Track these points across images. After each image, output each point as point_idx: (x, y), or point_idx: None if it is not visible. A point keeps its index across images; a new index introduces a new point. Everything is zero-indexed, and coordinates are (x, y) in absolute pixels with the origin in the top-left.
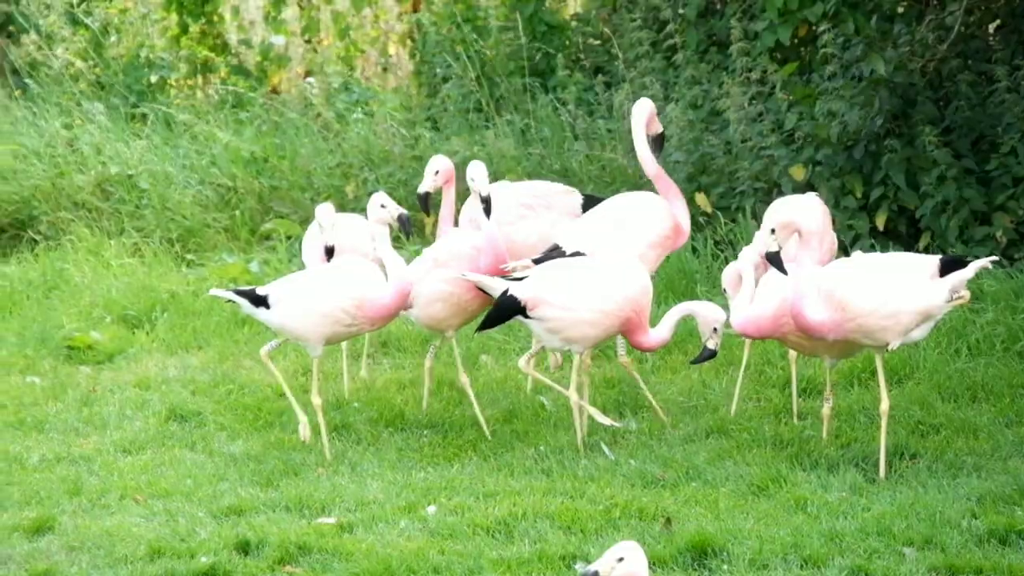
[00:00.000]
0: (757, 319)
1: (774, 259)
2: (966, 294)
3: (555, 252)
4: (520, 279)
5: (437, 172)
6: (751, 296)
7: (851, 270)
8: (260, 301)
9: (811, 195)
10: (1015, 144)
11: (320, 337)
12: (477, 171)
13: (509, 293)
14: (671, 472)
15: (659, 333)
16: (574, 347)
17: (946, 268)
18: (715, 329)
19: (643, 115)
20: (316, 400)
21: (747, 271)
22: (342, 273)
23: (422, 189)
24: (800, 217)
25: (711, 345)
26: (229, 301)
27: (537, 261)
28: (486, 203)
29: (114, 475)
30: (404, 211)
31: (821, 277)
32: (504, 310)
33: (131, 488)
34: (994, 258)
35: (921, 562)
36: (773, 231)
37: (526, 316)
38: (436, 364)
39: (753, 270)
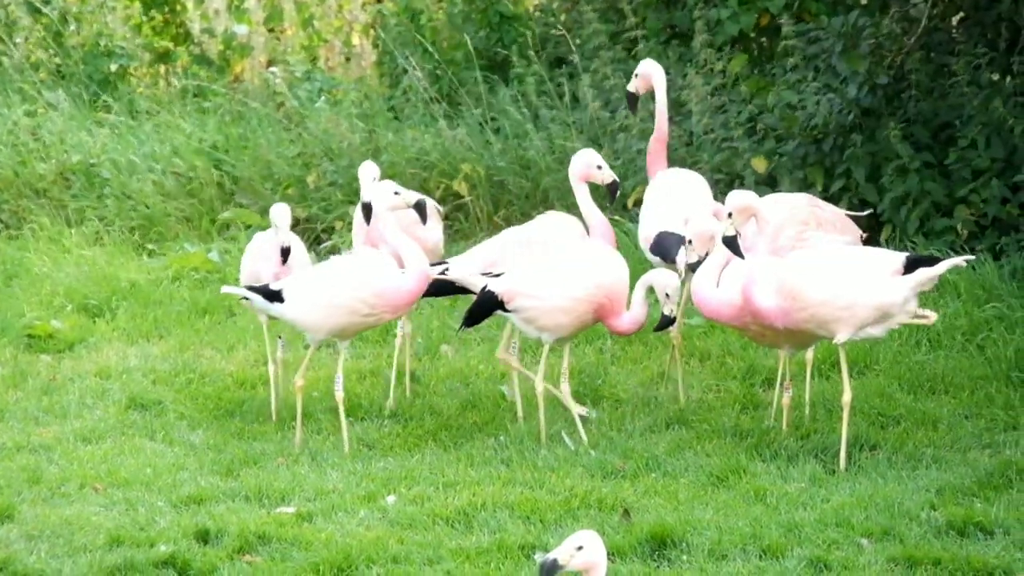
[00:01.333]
0: (723, 304)
1: (731, 243)
2: (931, 316)
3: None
4: (499, 275)
5: (375, 179)
6: (715, 276)
7: (808, 260)
8: (274, 296)
9: (801, 195)
10: (975, 137)
11: (334, 328)
12: (363, 172)
13: (487, 289)
14: (631, 463)
15: (632, 315)
16: (546, 336)
17: (912, 266)
18: (667, 295)
19: (578, 168)
20: (299, 382)
21: (719, 246)
22: (357, 264)
23: (367, 199)
24: (758, 203)
25: (667, 311)
26: (244, 299)
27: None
28: (365, 209)
29: (74, 464)
30: (422, 196)
31: (778, 265)
32: (484, 305)
33: (91, 477)
34: (970, 257)
35: (879, 553)
36: (730, 215)
37: (505, 310)
38: (400, 355)
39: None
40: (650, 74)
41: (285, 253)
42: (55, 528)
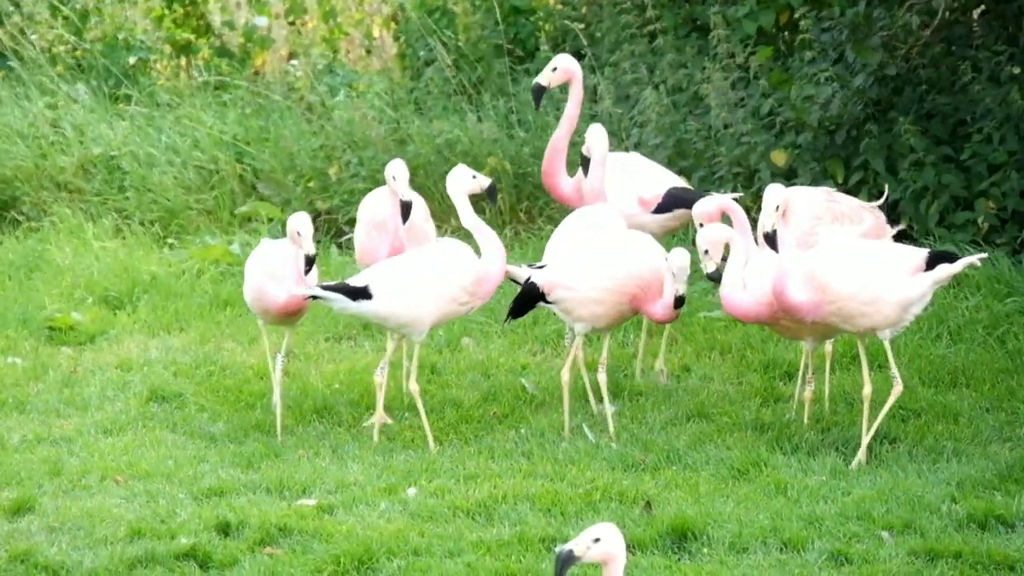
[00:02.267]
0: (757, 305)
1: (771, 238)
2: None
3: None
4: (542, 266)
5: (394, 178)
6: (739, 276)
7: (836, 254)
8: (360, 293)
9: (820, 189)
10: (990, 131)
11: (433, 320)
12: (399, 170)
13: (530, 280)
14: (652, 456)
15: (665, 300)
16: (580, 326)
17: (933, 261)
18: (673, 274)
19: (459, 185)
20: (414, 387)
21: (736, 243)
22: (447, 253)
23: (406, 197)
24: (792, 196)
25: (677, 292)
26: (315, 298)
27: None
28: (405, 208)
29: (95, 456)
30: (491, 180)
31: (806, 258)
32: (526, 297)
33: (111, 469)
34: (983, 255)
35: (900, 546)
36: (778, 207)
37: (547, 302)
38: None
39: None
40: (570, 70)
41: (310, 262)
42: (76, 520)
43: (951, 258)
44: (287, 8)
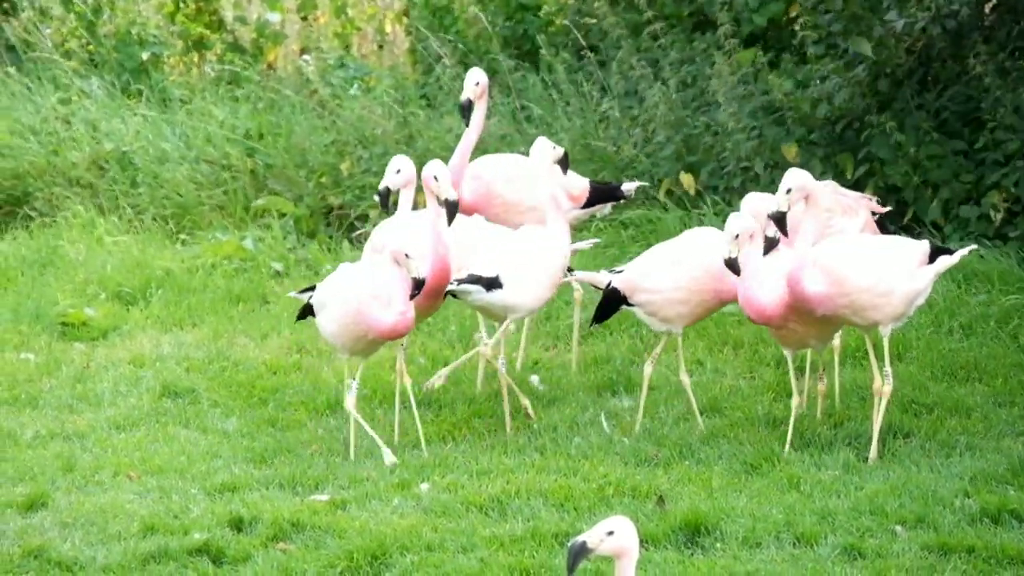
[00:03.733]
0: (774, 304)
1: (779, 220)
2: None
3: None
4: (621, 271)
5: (399, 171)
6: (760, 274)
7: (850, 247)
8: (493, 283)
9: (826, 183)
10: (1001, 123)
11: (543, 305)
12: (440, 170)
13: (611, 285)
14: (664, 450)
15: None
16: (674, 327)
17: (934, 254)
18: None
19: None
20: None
21: (757, 239)
22: (545, 237)
23: (382, 185)
24: (814, 185)
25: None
26: (454, 295)
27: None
28: (451, 208)
29: (108, 452)
30: (564, 150)
31: (820, 252)
32: (608, 301)
33: (124, 465)
34: (973, 247)
35: (913, 541)
36: (789, 191)
37: (629, 305)
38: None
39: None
40: (486, 84)
41: (420, 285)
42: (89, 516)
43: (948, 252)
44: (299, 3)
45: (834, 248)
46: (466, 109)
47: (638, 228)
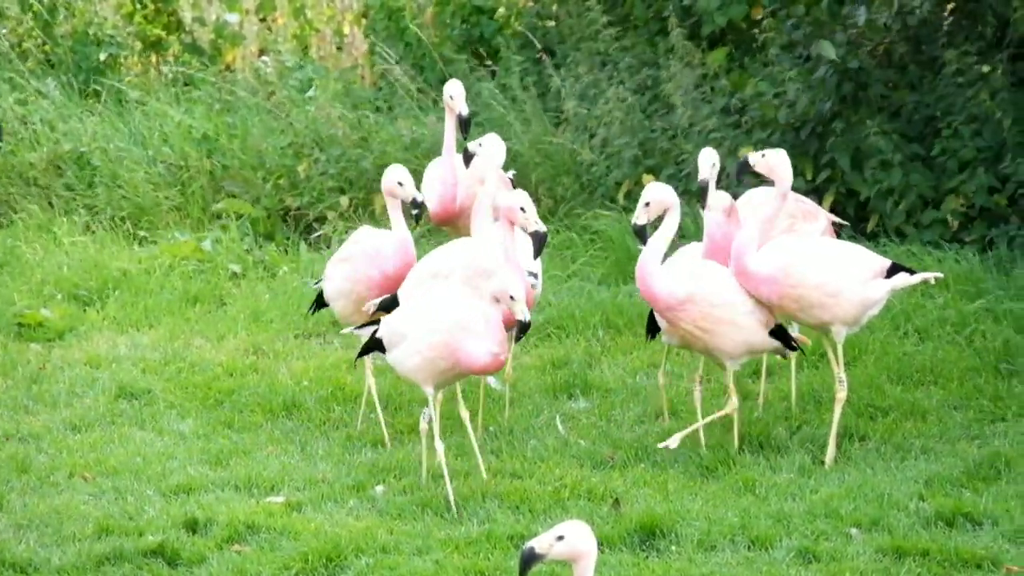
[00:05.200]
0: (666, 293)
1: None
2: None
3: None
4: None
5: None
6: (660, 257)
7: (806, 243)
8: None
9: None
10: (960, 127)
11: None
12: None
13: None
14: (620, 453)
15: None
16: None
17: (893, 271)
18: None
19: (501, 211)
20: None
21: (673, 216)
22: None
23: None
24: (786, 171)
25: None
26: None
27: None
28: (465, 124)
29: (63, 453)
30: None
31: (776, 242)
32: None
33: (80, 466)
34: (939, 275)
35: (868, 544)
36: (764, 155)
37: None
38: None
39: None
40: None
41: (525, 329)
42: (44, 517)
43: (909, 271)
44: (258, 5)
45: (792, 240)
46: (466, 124)
47: (595, 233)
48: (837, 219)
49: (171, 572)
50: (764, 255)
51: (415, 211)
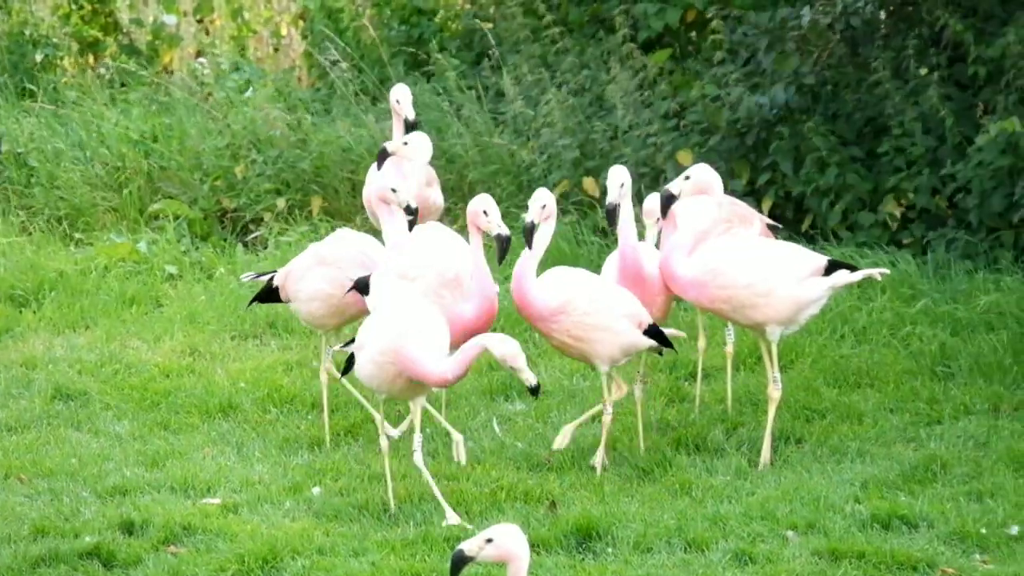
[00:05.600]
0: (529, 298)
1: (667, 200)
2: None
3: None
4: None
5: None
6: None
7: (737, 244)
8: None
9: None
10: (904, 128)
11: None
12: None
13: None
14: (556, 455)
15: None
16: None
17: (833, 268)
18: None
19: (468, 213)
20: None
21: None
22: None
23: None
24: (716, 183)
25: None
26: None
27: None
28: (410, 127)
29: None
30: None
31: (705, 245)
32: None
33: (15, 467)
34: (885, 271)
35: (804, 546)
36: (688, 177)
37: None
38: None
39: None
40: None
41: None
42: None
43: (851, 268)
44: (195, 6)
45: (720, 242)
46: (412, 128)
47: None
48: (771, 221)
49: (107, 573)
50: (692, 259)
51: (410, 218)
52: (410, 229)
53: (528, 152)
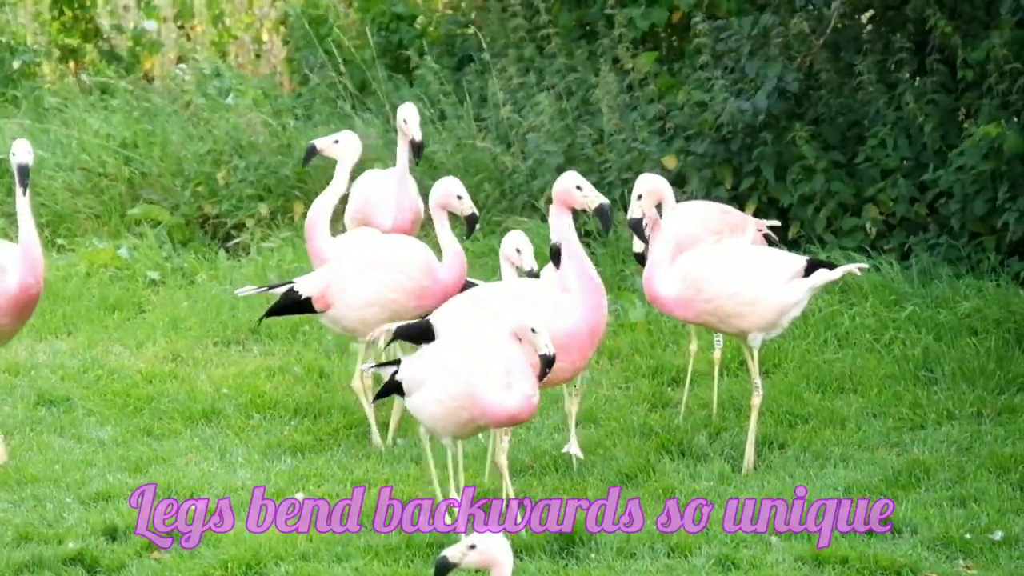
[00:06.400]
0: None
1: (636, 226)
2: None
3: None
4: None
5: (640, 196)
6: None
7: (716, 254)
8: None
9: (712, 204)
10: (883, 136)
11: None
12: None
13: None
14: (540, 461)
15: None
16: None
17: (812, 268)
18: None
19: (435, 197)
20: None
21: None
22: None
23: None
24: (666, 188)
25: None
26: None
27: None
28: (417, 149)
29: None
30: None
31: (685, 256)
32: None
33: None
34: (864, 265)
35: (787, 551)
36: (640, 197)
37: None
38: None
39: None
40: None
41: (550, 363)
42: None
43: (829, 266)
44: (176, 12)
45: (700, 253)
46: (418, 148)
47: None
48: (768, 225)
49: None
50: (673, 275)
51: (475, 225)
52: (469, 236)
53: (511, 158)
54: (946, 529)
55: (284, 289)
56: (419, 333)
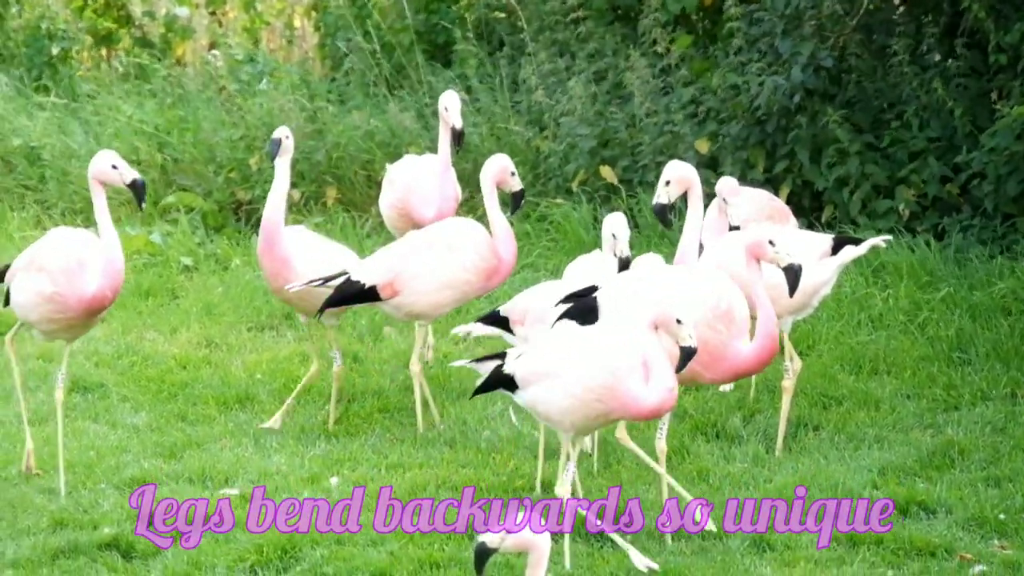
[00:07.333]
0: None
1: (661, 211)
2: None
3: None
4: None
5: (668, 183)
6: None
7: (742, 238)
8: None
9: (760, 192)
10: (910, 118)
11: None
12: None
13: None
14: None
15: None
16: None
17: (839, 246)
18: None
19: (492, 172)
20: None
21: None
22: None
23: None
24: (694, 177)
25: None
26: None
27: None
28: (457, 137)
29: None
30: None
31: (715, 248)
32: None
33: (35, 460)
34: (887, 237)
35: (822, 533)
36: (668, 183)
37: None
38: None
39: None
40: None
41: (690, 355)
42: None
43: (855, 243)
44: None
45: (727, 241)
46: (459, 137)
47: (550, 222)
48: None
49: (126, 565)
50: (706, 264)
51: (522, 201)
52: (514, 212)
53: (544, 142)
54: (980, 509)
55: (340, 280)
56: (585, 312)
